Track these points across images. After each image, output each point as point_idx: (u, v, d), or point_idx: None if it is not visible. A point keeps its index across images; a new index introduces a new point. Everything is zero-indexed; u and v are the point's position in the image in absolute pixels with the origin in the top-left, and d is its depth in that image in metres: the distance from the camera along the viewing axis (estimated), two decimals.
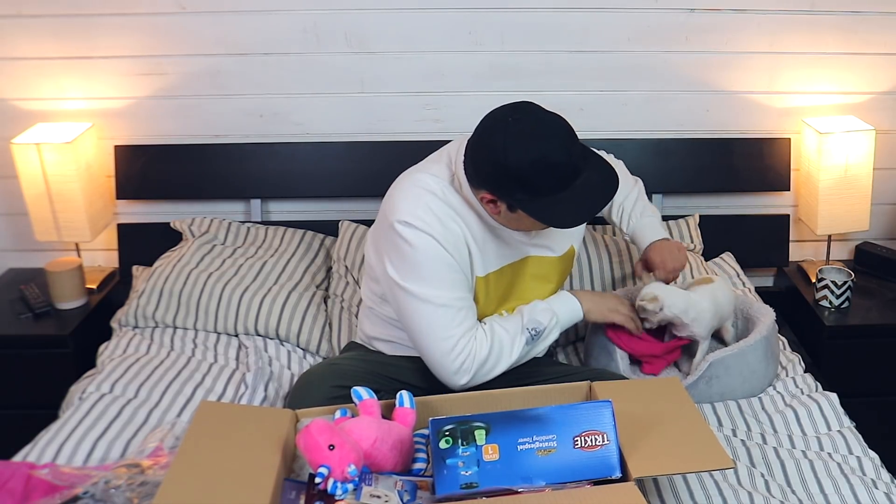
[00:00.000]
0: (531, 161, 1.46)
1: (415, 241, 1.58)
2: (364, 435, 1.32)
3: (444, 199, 1.61)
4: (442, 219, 1.60)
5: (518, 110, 1.52)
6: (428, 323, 1.61)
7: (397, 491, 1.27)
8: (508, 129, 1.48)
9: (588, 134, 2.41)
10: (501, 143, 1.48)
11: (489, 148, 1.50)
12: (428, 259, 1.59)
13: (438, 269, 1.60)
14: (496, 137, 1.49)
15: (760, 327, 1.87)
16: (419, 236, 1.58)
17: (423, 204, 1.60)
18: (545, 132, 1.48)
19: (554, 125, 1.50)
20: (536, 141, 1.47)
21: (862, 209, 2.38)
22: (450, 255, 1.60)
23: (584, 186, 1.50)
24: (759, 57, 2.40)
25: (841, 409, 1.77)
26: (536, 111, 1.52)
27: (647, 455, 1.31)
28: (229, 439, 1.33)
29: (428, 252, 1.59)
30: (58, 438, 1.64)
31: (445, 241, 1.59)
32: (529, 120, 1.50)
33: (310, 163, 2.42)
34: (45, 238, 2.34)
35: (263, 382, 1.88)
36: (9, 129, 2.36)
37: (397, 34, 2.36)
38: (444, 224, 1.60)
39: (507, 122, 1.50)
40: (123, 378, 1.87)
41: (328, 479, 1.24)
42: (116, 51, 2.35)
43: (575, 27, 2.36)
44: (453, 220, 1.61)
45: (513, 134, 1.48)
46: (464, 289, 1.64)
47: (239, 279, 2.15)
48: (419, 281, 1.60)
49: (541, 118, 1.51)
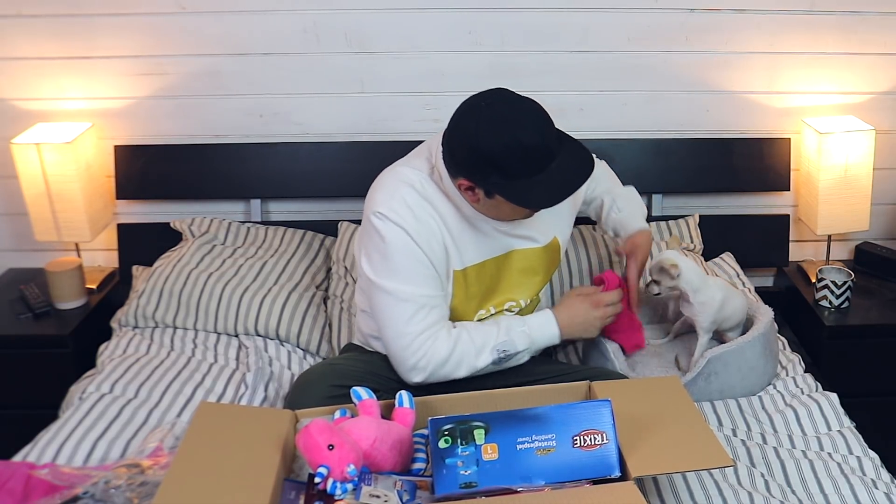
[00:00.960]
0: (504, 144, 1.47)
1: (387, 233, 1.60)
2: (363, 435, 1.32)
3: (421, 192, 1.63)
4: (416, 212, 1.61)
5: (491, 95, 1.53)
6: (389, 316, 1.63)
7: (397, 491, 1.27)
8: (481, 114, 1.50)
9: (588, 134, 2.43)
10: (475, 128, 1.49)
11: (463, 133, 1.51)
12: (397, 252, 1.60)
13: (407, 263, 1.60)
14: (470, 122, 1.51)
15: (758, 324, 1.87)
16: (391, 229, 1.60)
17: (398, 196, 1.61)
18: (518, 116, 1.49)
19: (527, 109, 1.51)
20: (509, 124, 1.48)
21: (862, 209, 2.38)
22: (420, 251, 1.60)
23: (559, 169, 1.51)
24: (758, 57, 2.40)
25: (841, 409, 1.77)
26: (509, 96, 1.53)
27: (646, 454, 1.31)
28: (229, 440, 1.33)
29: (398, 245, 1.60)
30: (58, 438, 1.64)
31: (418, 235, 1.60)
32: (502, 104, 1.51)
33: (310, 163, 2.42)
34: (45, 238, 2.34)
35: (263, 383, 1.88)
36: (9, 129, 2.36)
37: (397, 34, 2.36)
38: (417, 218, 1.60)
39: (480, 107, 1.51)
40: (123, 378, 1.87)
41: (328, 478, 1.23)
42: (116, 51, 2.35)
43: (575, 27, 2.36)
44: (429, 214, 1.62)
45: (486, 118, 1.49)
46: (431, 286, 1.63)
47: (239, 279, 2.16)
48: (386, 273, 1.61)
49: (514, 102, 1.52)
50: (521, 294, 1.79)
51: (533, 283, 1.79)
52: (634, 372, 1.88)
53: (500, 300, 1.76)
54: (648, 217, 2.45)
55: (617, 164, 2.43)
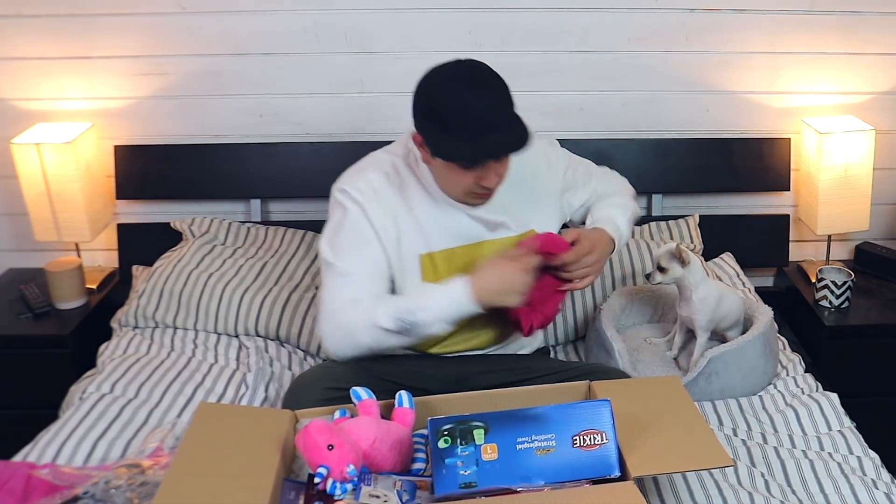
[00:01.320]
0: (451, 99, 1.48)
1: (344, 208, 1.63)
2: (363, 435, 1.32)
3: (390, 175, 1.65)
4: (379, 194, 1.62)
5: (464, 62, 1.55)
6: (325, 285, 1.65)
7: (396, 491, 1.27)
8: (446, 72, 1.53)
9: (588, 134, 2.44)
10: (434, 82, 1.52)
11: (425, 84, 1.54)
12: (349, 228, 1.62)
13: (355, 240, 1.62)
14: (435, 77, 1.53)
15: (758, 324, 1.88)
16: (349, 205, 1.63)
17: (364, 177, 1.65)
18: (476, 82, 1.50)
19: (488, 80, 1.52)
20: (464, 85, 1.49)
21: (862, 209, 2.38)
22: (373, 231, 1.62)
23: (493, 141, 1.49)
24: (758, 57, 2.40)
25: (841, 409, 1.77)
26: (481, 66, 1.54)
27: (646, 454, 1.31)
28: (228, 440, 1.33)
29: (351, 221, 1.62)
30: (58, 438, 1.65)
31: (374, 215, 1.61)
32: (469, 69, 1.53)
33: (310, 163, 2.42)
34: (45, 238, 2.34)
35: (264, 383, 1.88)
36: (9, 129, 2.36)
37: (397, 34, 2.36)
38: (379, 199, 1.62)
39: (447, 67, 1.53)
40: (124, 378, 1.87)
41: (327, 479, 1.23)
42: (116, 51, 2.35)
43: (575, 27, 2.36)
44: (393, 196, 1.63)
45: (447, 76, 1.52)
46: (370, 264, 1.62)
47: (239, 280, 2.16)
48: (334, 245, 1.64)
49: (480, 72, 1.53)
50: None
51: None
52: (636, 371, 1.88)
53: None
54: (648, 217, 2.48)
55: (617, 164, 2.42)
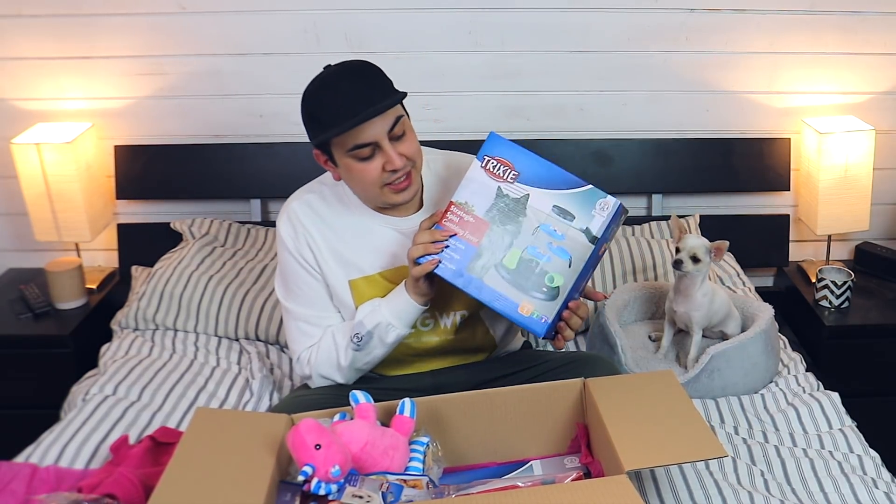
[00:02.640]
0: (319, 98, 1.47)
1: (279, 252, 1.64)
2: (354, 438, 1.32)
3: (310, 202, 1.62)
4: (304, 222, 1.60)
5: (331, 65, 1.53)
6: (287, 329, 1.68)
7: (381, 493, 1.28)
8: (313, 81, 1.51)
9: (588, 134, 2.44)
10: (304, 93, 1.51)
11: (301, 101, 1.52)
12: (286, 271, 1.63)
13: (292, 281, 1.62)
14: (306, 89, 1.51)
15: (759, 321, 1.88)
16: (280, 243, 1.62)
17: (288, 208, 1.63)
18: (338, 75, 1.48)
19: (349, 68, 1.50)
20: (330, 83, 1.48)
21: (862, 209, 2.38)
22: (302, 268, 1.60)
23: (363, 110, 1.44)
24: (759, 57, 2.41)
25: (842, 408, 1.77)
26: (344, 63, 1.52)
27: (639, 448, 1.31)
28: (224, 443, 1.33)
29: (285, 264, 1.63)
30: (61, 440, 1.64)
31: (297, 251, 1.60)
32: (332, 69, 1.51)
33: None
34: (45, 238, 2.34)
35: (269, 391, 1.88)
36: (9, 129, 2.36)
37: (397, 34, 2.36)
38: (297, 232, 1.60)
39: (315, 77, 1.52)
40: (126, 380, 1.87)
41: (312, 478, 1.25)
42: (116, 51, 2.35)
43: (575, 27, 2.36)
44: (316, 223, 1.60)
45: (315, 82, 1.51)
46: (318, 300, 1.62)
47: (239, 282, 2.15)
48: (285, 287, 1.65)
49: (342, 67, 1.51)
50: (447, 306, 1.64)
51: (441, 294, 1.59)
52: (639, 368, 1.88)
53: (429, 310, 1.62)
54: (648, 217, 2.48)
55: (617, 164, 2.44)
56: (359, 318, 1.56)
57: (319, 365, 1.61)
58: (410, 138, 1.52)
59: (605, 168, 2.43)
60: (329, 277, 1.61)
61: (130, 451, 1.53)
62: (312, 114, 1.48)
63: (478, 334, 1.70)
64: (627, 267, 2.22)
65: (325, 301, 1.63)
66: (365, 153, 1.47)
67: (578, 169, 2.40)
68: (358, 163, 1.49)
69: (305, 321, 1.63)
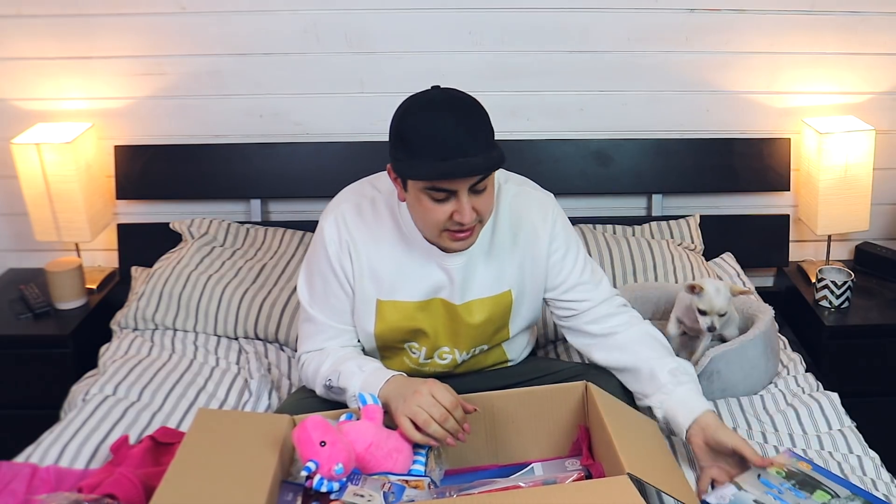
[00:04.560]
0: (420, 126, 1.38)
1: (317, 241, 1.58)
2: (360, 438, 1.33)
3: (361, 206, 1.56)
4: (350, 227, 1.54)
5: (442, 89, 1.45)
6: (300, 327, 1.65)
7: (383, 492, 1.28)
8: (419, 98, 1.43)
9: (588, 134, 2.44)
10: (407, 109, 1.42)
11: (398, 112, 1.44)
12: (319, 270, 1.57)
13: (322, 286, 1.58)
14: (407, 104, 1.43)
15: (759, 323, 1.88)
16: (319, 241, 1.57)
17: (338, 208, 1.57)
18: (446, 108, 1.39)
19: (461, 107, 1.39)
20: (434, 112, 1.38)
21: (862, 209, 2.38)
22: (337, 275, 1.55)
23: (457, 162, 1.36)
24: (759, 57, 2.41)
25: (842, 409, 1.77)
26: (458, 95, 1.43)
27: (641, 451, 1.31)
28: (226, 444, 1.33)
29: (321, 262, 1.57)
30: (61, 440, 1.64)
31: (340, 254, 1.55)
32: (442, 96, 1.42)
33: (310, 163, 2.42)
34: (45, 238, 2.34)
35: (268, 390, 1.88)
36: (9, 129, 2.36)
37: (397, 34, 2.36)
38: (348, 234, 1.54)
39: (422, 93, 1.44)
40: (126, 380, 1.86)
41: (314, 474, 1.25)
42: (116, 51, 2.35)
43: (575, 27, 2.36)
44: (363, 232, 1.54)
45: (420, 103, 1.41)
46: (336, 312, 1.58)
47: (238, 282, 2.15)
48: (308, 287, 1.61)
49: (454, 99, 1.42)
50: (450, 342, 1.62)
51: (468, 335, 1.61)
52: None
53: (429, 343, 1.62)
54: (648, 217, 2.48)
55: (617, 164, 2.44)
56: (337, 369, 1.52)
57: (306, 376, 1.61)
58: (489, 195, 1.45)
59: (605, 168, 2.43)
60: (359, 292, 1.56)
61: (130, 451, 1.53)
62: (404, 136, 1.39)
63: (491, 356, 1.70)
64: (627, 267, 2.22)
65: (346, 316, 1.59)
66: (439, 196, 1.40)
67: (578, 169, 2.43)
68: (429, 201, 1.41)
69: (318, 328, 1.60)
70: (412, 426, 1.37)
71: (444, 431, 1.36)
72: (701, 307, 1.78)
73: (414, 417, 1.37)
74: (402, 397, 1.40)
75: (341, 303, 1.58)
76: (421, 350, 1.63)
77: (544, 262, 1.59)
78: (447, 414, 1.37)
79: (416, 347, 1.63)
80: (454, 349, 1.62)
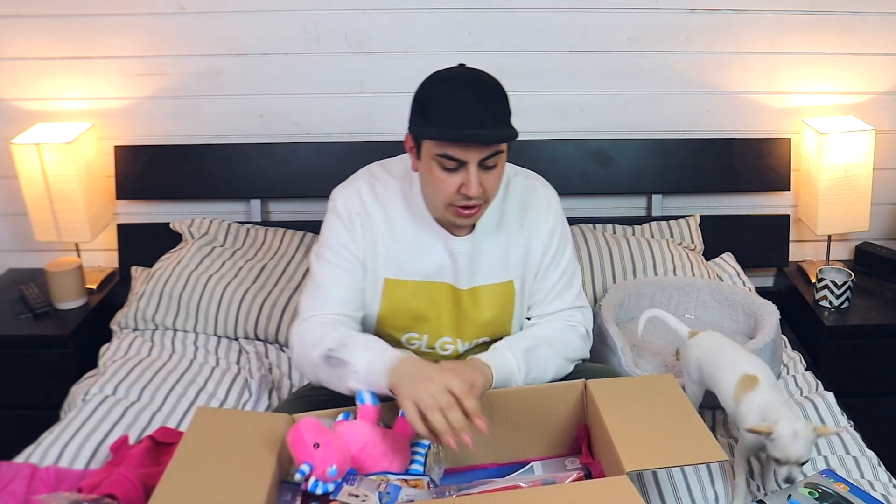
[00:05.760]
0: (439, 95, 1.44)
1: (331, 216, 1.60)
2: (354, 438, 1.32)
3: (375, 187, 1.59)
4: (365, 204, 1.58)
5: (466, 67, 1.51)
6: (303, 291, 1.62)
7: (378, 492, 1.28)
8: (443, 72, 1.49)
9: (588, 134, 2.44)
10: (430, 80, 1.49)
11: (422, 83, 1.50)
12: (330, 240, 1.59)
13: (332, 255, 1.58)
14: (432, 76, 1.50)
15: (767, 329, 1.85)
16: (333, 215, 1.59)
17: (353, 185, 1.60)
18: (466, 83, 1.45)
19: (481, 84, 1.46)
20: (454, 84, 1.45)
21: (862, 209, 2.38)
22: (347, 247, 1.57)
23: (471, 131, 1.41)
24: (758, 57, 2.41)
25: (838, 409, 1.77)
26: (479, 74, 1.49)
27: (640, 450, 1.31)
28: (225, 443, 1.33)
29: (333, 233, 1.58)
30: (61, 440, 1.64)
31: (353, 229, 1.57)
32: (465, 72, 1.49)
33: (310, 163, 2.42)
34: (45, 238, 2.34)
35: (268, 390, 1.88)
36: (9, 129, 2.36)
37: (397, 34, 2.36)
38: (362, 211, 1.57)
39: (446, 69, 1.50)
40: (126, 380, 1.87)
41: (309, 476, 1.25)
42: (116, 51, 2.35)
43: (575, 27, 2.36)
44: (376, 210, 1.58)
45: (443, 75, 1.49)
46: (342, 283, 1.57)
47: (238, 282, 2.16)
48: (318, 255, 1.61)
49: (475, 77, 1.48)
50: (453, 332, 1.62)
51: (472, 325, 1.62)
52: (638, 369, 1.88)
53: (431, 329, 1.62)
54: (649, 217, 2.48)
55: (617, 164, 2.44)
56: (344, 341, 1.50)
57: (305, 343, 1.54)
58: (497, 174, 1.48)
59: (605, 168, 2.43)
60: (369, 268, 1.59)
61: (130, 451, 1.53)
62: (423, 103, 1.46)
63: None
64: (628, 267, 2.22)
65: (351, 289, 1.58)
66: (450, 165, 1.44)
67: (578, 169, 2.43)
68: (439, 170, 1.45)
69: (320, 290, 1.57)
70: (417, 412, 1.31)
71: (447, 425, 1.29)
72: (776, 456, 1.38)
73: (419, 402, 1.31)
74: (413, 381, 1.35)
75: (350, 274, 1.58)
76: (422, 339, 1.63)
77: (539, 257, 1.63)
78: (453, 401, 1.31)
79: (417, 338, 1.63)
80: (457, 339, 1.63)
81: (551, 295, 1.65)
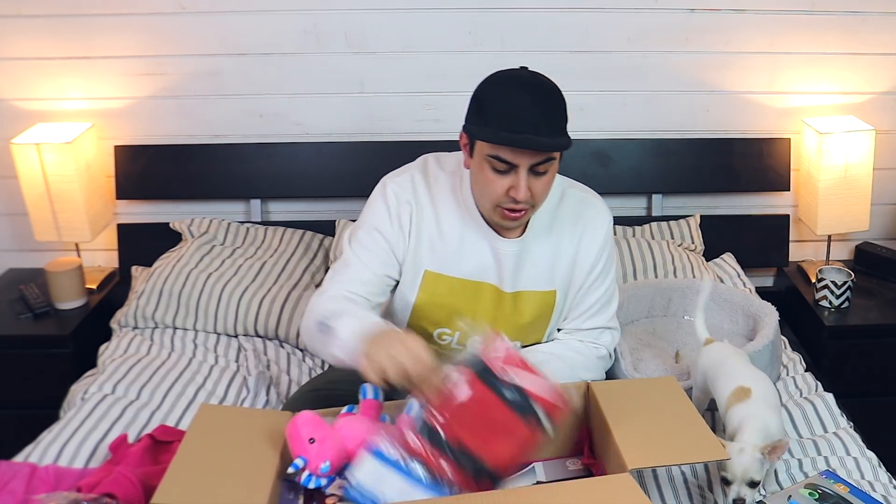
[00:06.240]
0: (498, 96, 1.44)
1: (377, 200, 1.58)
2: (352, 434, 1.32)
3: (427, 179, 1.59)
4: (416, 194, 1.57)
5: (529, 70, 1.51)
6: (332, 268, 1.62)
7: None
8: (503, 73, 1.49)
9: (588, 134, 2.44)
10: (490, 80, 1.48)
11: (483, 82, 1.50)
12: (371, 222, 1.58)
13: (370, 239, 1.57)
14: (493, 76, 1.49)
15: (766, 331, 1.84)
16: (380, 200, 1.58)
17: (406, 174, 1.60)
18: (526, 86, 1.46)
19: (540, 88, 1.47)
20: (514, 87, 1.45)
21: (862, 209, 2.38)
22: (389, 234, 1.56)
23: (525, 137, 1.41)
24: (758, 57, 2.40)
25: (837, 410, 1.77)
26: (541, 78, 1.50)
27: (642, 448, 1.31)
28: (228, 441, 1.33)
29: (377, 216, 1.57)
30: (60, 439, 1.64)
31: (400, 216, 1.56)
32: (524, 74, 1.49)
33: (310, 163, 2.42)
34: (45, 238, 2.34)
35: (265, 387, 1.88)
36: (9, 129, 2.36)
37: (397, 34, 2.36)
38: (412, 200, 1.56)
39: (509, 70, 1.50)
40: (125, 379, 1.87)
41: (302, 471, 1.26)
42: (116, 51, 2.35)
43: (575, 27, 2.36)
44: (426, 202, 1.57)
45: (504, 75, 1.48)
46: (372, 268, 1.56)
47: (238, 279, 2.16)
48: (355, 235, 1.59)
49: (536, 78, 1.49)
50: None
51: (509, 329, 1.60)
52: (637, 372, 1.88)
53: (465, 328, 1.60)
54: (649, 217, 2.48)
55: (617, 165, 2.44)
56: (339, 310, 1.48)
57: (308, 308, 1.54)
58: (547, 181, 1.49)
59: (605, 168, 2.43)
60: (410, 258, 1.58)
61: (129, 449, 1.53)
62: (481, 102, 1.45)
63: None
64: (628, 267, 2.22)
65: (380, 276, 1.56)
66: (501, 167, 1.44)
67: (578, 169, 2.42)
68: (490, 171, 1.46)
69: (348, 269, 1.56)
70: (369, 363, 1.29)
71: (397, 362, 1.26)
72: (724, 475, 1.38)
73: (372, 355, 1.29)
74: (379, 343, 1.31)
75: (379, 258, 1.57)
76: (454, 335, 1.63)
77: (586, 272, 1.63)
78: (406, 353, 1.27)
79: (448, 333, 1.63)
80: None
81: (589, 312, 1.66)
